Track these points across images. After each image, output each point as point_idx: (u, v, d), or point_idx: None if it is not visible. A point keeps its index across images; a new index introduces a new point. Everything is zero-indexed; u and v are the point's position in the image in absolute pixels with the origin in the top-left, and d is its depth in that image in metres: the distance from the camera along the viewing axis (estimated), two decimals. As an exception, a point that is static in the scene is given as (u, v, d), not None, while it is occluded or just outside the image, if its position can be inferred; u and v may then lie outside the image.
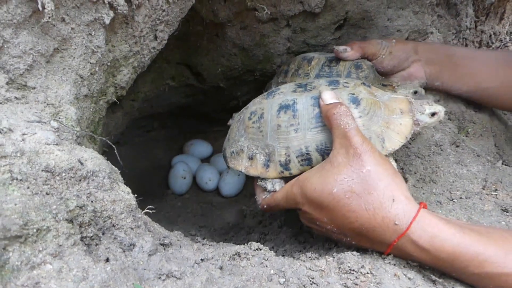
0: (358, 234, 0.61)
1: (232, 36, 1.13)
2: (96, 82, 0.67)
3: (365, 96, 0.72)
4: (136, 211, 0.47)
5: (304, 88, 0.74)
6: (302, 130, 0.71)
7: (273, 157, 0.72)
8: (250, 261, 0.51)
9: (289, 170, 0.71)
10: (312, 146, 0.70)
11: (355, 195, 0.59)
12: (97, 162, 0.47)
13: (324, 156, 0.69)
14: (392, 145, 0.70)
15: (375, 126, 0.70)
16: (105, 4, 0.62)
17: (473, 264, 0.56)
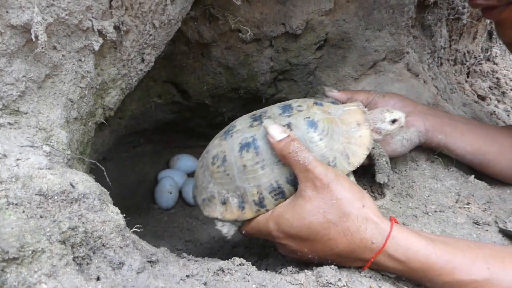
0: (339, 257, 0.65)
1: (217, 56, 1.17)
2: (86, 105, 0.70)
3: (320, 117, 0.74)
4: (125, 231, 0.50)
5: (259, 120, 0.75)
6: (269, 165, 0.72)
7: (246, 198, 0.72)
8: (233, 276, 0.54)
9: (265, 207, 0.72)
10: (282, 179, 0.71)
11: (332, 225, 0.62)
12: (87, 184, 0.50)
13: (296, 186, 0.70)
14: (357, 159, 0.73)
15: (337, 144, 0.73)
16: (94, 32, 0.66)
17: (445, 272, 0.60)
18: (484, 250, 0.63)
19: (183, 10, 0.89)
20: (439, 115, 0.98)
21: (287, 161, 0.67)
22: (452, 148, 0.98)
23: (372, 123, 0.79)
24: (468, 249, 0.64)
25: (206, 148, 0.83)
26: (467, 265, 0.61)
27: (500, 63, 1.81)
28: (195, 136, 1.60)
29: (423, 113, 0.96)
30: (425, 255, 0.61)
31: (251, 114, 0.80)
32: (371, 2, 1.13)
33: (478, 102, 1.54)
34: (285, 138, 0.68)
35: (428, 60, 1.32)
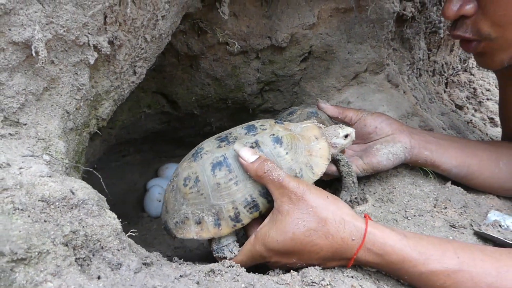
0: (325, 260, 0.69)
1: (205, 67, 1.21)
2: (81, 116, 0.73)
3: (283, 133, 0.79)
4: (121, 234, 0.53)
5: (227, 141, 0.79)
6: (242, 181, 0.75)
7: (222, 214, 0.74)
8: (224, 276, 0.58)
9: (241, 221, 0.74)
10: (256, 193, 0.75)
11: (312, 231, 0.67)
12: (86, 191, 0.53)
13: (268, 199, 0.74)
14: (320, 169, 0.79)
15: (301, 157, 0.79)
16: (90, 47, 0.69)
17: (419, 263, 0.66)
18: (454, 244, 0.69)
19: (173, 24, 0.93)
20: (423, 134, 1.03)
21: (262, 180, 0.71)
22: (438, 163, 1.03)
23: (328, 138, 0.85)
24: (439, 242, 0.70)
25: (175, 172, 0.84)
26: (439, 255, 0.67)
27: (477, 74, 1.89)
28: (184, 145, 1.63)
29: (408, 131, 1.01)
30: (400, 248, 0.66)
31: (216, 136, 0.84)
32: (353, 17, 1.19)
33: (456, 111, 1.61)
34: (257, 159, 0.72)
35: (408, 71, 1.39)
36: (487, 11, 0.82)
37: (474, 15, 0.84)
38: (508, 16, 0.80)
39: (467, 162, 1.04)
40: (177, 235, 0.78)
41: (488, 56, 0.90)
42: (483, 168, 1.05)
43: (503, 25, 0.82)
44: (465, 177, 1.06)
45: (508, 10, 0.80)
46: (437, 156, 1.02)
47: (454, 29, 0.89)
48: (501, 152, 1.07)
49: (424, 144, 1.01)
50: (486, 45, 0.87)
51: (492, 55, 0.89)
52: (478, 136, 1.51)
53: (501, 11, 0.80)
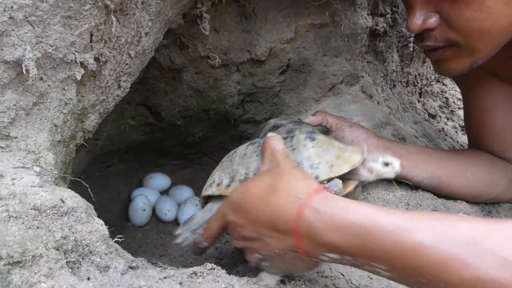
0: (270, 225, 0.59)
1: (188, 80, 1.26)
2: (68, 129, 0.77)
3: (321, 136, 0.84)
4: (109, 240, 0.57)
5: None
6: (261, 154, 0.80)
7: (235, 177, 0.82)
8: (205, 278, 0.62)
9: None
10: None
11: (267, 186, 0.62)
12: (75, 200, 0.57)
13: None
14: (339, 169, 0.77)
15: (327, 156, 0.79)
16: (77, 64, 0.73)
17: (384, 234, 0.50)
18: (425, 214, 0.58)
19: (156, 40, 0.97)
20: (397, 149, 1.08)
21: (264, 147, 0.75)
22: (410, 177, 1.09)
23: (366, 160, 0.83)
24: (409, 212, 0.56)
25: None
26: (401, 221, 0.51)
27: (449, 84, 1.98)
28: (168, 155, 1.66)
29: (384, 146, 1.06)
30: (360, 211, 0.53)
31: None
32: (328, 32, 1.25)
33: (429, 120, 1.69)
34: (274, 136, 0.77)
35: (382, 82, 1.46)
36: (451, 23, 0.86)
37: (439, 26, 0.88)
38: (470, 27, 0.84)
39: (437, 174, 1.10)
40: (203, 194, 0.88)
41: (450, 62, 0.93)
42: (452, 178, 1.12)
43: (469, 34, 0.86)
44: (436, 187, 1.13)
45: (469, 22, 0.83)
46: (408, 171, 1.08)
47: (422, 41, 0.92)
48: (468, 162, 1.14)
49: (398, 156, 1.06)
50: (454, 51, 0.90)
51: (455, 61, 0.93)
52: (449, 144, 1.59)
53: (463, 22, 0.84)
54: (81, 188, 0.78)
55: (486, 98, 1.16)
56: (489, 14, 0.82)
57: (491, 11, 0.81)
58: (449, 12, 0.85)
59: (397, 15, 1.40)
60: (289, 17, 1.22)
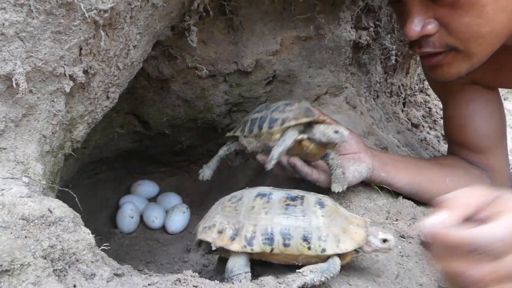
0: None
1: (175, 90, 1.29)
2: (56, 139, 0.79)
3: (329, 203, 0.83)
4: (95, 248, 0.59)
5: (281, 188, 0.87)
6: (272, 213, 0.79)
7: (240, 231, 0.79)
8: (188, 284, 0.64)
9: (252, 245, 0.77)
10: (277, 229, 0.77)
11: None
12: (63, 209, 0.59)
13: (285, 241, 0.76)
14: (345, 246, 0.78)
15: (334, 228, 0.80)
16: (66, 76, 0.75)
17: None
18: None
19: (144, 52, 1.00)
20: (381, 156, 1.13)
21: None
22: (392, 183, 1.13)
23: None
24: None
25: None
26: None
27: (432, 95, 2.04)
28: (156, 163, 1.68)
29: (371, 153, 1.10)
30: None
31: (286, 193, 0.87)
32: (313, 44, 1.29)
33: (411, 130, 1.73)
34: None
35: (365, 93, 1.50)
36: (450, 28, 0.88)
37: (437, 32, 0.90)
38: (470, 32, 0.87)
39: (417, 180, 1.14)
40: (199, 236, 0.85)
41: (448, 67, 0.96)
42: (432, 184, 1.16)
43: (468, 40, 0.89)
44: (416, 194, 1.17)
45: (469, 28, 0.86)
46: (391, 177, 1.12)
47: (420, 47, 0.94)
48: (447, 170, 1.18)
49: (382, 166, 1.11)
50: (452, 56, 0.93)
51: (454, 66, 0.95)
52: (431, 153, 1.63)
53: (463, 28, 0.87)
54: (69, 196, 0.80)
55: (468, 106, 1.20)
56: (488, 20, 0.85)
57: (489, 17, 0.84)
58: (448, 19, 0.87)
59: (380, 29, 1.45)
60: (275, 30, 1.25)
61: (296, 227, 0.78)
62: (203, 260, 1.19)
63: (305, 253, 0.77)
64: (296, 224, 0.78)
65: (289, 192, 0.84)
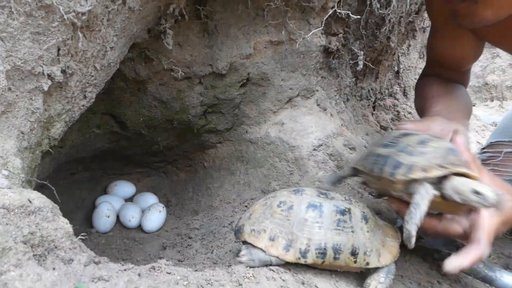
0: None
1: (152, 91, 1.32)
2: (34, 136, 0.82)
3: (371, 216, 0.91)
4: (73, 237, 0.62)
5: (325, 196, 0.91)
6: (324, 228, 0.85)
7: (294, 243, 0.84)
8: (162, 271, 0.68)
9: (305, 258, 0.83)
10: (330, 244, 0.84)
11: None
12: (41, 200, 0.62)
13: (335, 255, 0.83)
14: (385, 261, 0.87)
15: (375, 242, 0.88)
16: (44, 75, 0.79)
17: None
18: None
19: (121, 54, 1.04)
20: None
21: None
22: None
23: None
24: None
25: (273, 194, 0.95)
26: None
27: (400, 99, 2.13)
28: (132, 163, 1.71)
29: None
30: None
31: (317, 191, 0.93)
32: (285, 49, 1.35)
33: (380, 132, 1.82)
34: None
35: (335, 96, 1.57)
36: None
37: None
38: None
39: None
40: (248, 239, 0.87)
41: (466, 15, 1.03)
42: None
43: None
44: None
45: None
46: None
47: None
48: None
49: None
50: (467, 5, 0.99)
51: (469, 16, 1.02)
52: (398, 153, 1.72)
53: None
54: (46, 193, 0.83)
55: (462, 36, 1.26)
56: None
57: None
58: None
59: (349, 35, 1.52)
60: (248, 34, 1.31)
61: (346, 243, 0.85)
62: (179, 256, 1.22)
63: (351, 265, 0.85)
64: (346, 241, 0.85)
65: (337, 204, 0.89)
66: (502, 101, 5.18)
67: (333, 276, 0.89)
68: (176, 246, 1.32)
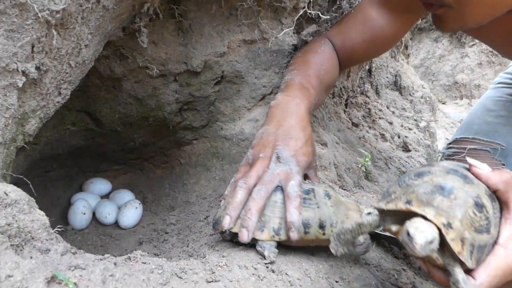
0: None
1: (127, 88, 1.34)
2: (9, 132, 0.83)
3: (333, 194, 1.00)
4: (49, 228, 0.64)
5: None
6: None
7: (268, 224, 0.92)
8: (138, 261, 0.71)
9: (280, 235, 0.91)
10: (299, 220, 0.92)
11: None
12: (18, 193, 0.64)
13: (306, 229, 0.91)
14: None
15: (340, 215, 0.97)
16: (19, 72, 0.80)
17: None
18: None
19: (96, 51, 1.05)
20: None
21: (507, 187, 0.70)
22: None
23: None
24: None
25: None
26: None
27: (371, 97, 2.20)
28: (108, 160, 1.71)
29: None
30: None
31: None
32: (258, 47, 1.39)
33: (352, 128, 1.88)
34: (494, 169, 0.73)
35: (308, 93, 1.61)
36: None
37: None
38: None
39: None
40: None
41: (442, 20, 1.04)
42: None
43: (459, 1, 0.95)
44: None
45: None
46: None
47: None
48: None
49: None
50: (444, 11, 0.99)
51: (443, 20, 1.04)
52: (368, 149, 1.78)
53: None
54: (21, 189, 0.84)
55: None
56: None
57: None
58: None
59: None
60: (222, 33, 1.34)
61: (314, 217, 0.93)
62: (155, 250, 1.24)
63: (320, 238, 0.93)
64: (313, 215, 0.93)
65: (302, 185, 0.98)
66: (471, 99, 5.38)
67: (303, 265, 0.93)
68: (152, 241, 1.34)
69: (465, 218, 0.65)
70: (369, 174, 1.67)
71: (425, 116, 2.61)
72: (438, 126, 3.26)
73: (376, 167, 1.81)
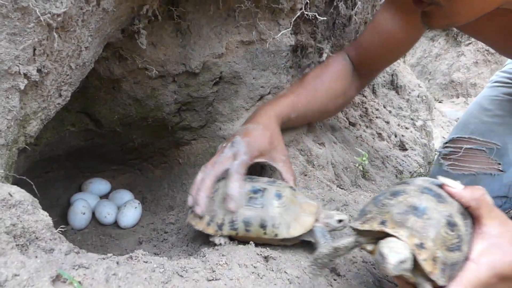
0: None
1: (126, 89, 1.35)
2: (11, 133, 0.84)
3: (287, 194, 1.00)
4: (53, 229, 0.66)
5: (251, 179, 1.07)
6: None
7: (214, 219, 0.99)
8: (140, 260, 0.72)
9: (222, 230, 0.97)
10: (240, 218, 0.97)
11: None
12: (22, 194, 0.65)
13: (246, 227, 0.96)
14: (295, 232, 0.95)
15: (287, 216, 0.97)
16: (20, 75, 0.81)
17: None
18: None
19: (95, 53, 1.06)
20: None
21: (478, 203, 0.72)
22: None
23: (324, 218, 1.01)
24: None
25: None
26: None
27: (368, 96, 2.22)
28: (107, 161, 1.72)
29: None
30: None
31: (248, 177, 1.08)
32: (256, 48, 1.40)
33: (349, 128, 1.90)
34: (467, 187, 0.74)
35: (305, 94, 1.63)
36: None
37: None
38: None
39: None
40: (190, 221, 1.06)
41: (430, 17, 1.04)
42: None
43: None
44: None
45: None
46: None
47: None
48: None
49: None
50: (433, 8, 0.99)
51: (434, 18, 1.03)
52: (365, 149, 1.80)
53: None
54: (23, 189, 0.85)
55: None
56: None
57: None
58: None
59: (317, 35, 1.58)
60: (220, 34, 1.35)
61: (255, 216, 0.96)
62: (155, 249, 1.26)
63: (262, 237, 0.95)
64: (255, 215, 0.96)
65: (255, 184, 1.02)
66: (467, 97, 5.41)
67: (302, 263, 0.95)
68: (152, 241, 1.35)
69: (437, 238, 0.67)
70: (366, 173, 1.69)
71: (421, 115, 2.63)
72: (434, 125, 3.29)
73: (373, 166, 1.83)
